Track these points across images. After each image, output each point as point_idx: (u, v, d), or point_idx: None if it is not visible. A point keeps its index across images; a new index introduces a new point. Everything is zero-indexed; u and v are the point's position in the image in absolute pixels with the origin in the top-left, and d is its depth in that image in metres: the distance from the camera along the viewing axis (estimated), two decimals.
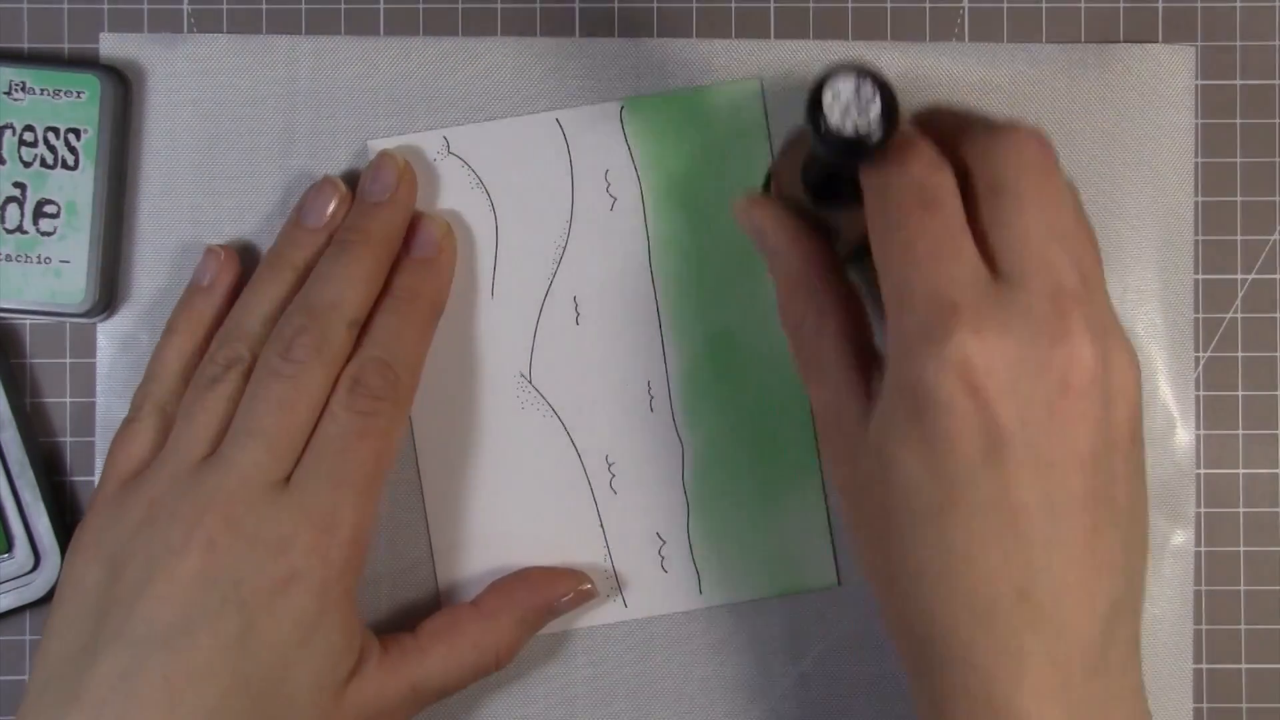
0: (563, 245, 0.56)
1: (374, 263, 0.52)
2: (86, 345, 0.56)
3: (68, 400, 0.56)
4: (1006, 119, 0.45)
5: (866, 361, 0.47)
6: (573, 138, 0.56)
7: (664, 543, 0.56)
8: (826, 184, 0.48)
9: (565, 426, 0.56)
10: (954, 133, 0.45)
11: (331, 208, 0.53)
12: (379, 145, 0.56)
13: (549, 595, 0.54)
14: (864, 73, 0.41)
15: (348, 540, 0.48)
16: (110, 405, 0.56)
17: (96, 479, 0.56)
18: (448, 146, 0.56)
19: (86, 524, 0.50)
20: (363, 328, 0.51)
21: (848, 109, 0.41)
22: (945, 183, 0.43)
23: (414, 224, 0.54)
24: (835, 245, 0.49)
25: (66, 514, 0.56)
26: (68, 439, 0.56)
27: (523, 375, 0.56)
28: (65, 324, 0.56)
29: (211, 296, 0.54)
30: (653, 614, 0.56)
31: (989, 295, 0.41)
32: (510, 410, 0.56)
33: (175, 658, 0.45)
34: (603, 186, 0.56)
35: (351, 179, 0.55)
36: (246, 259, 0.56)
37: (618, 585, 0.56)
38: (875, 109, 0.41)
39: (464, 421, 0.56)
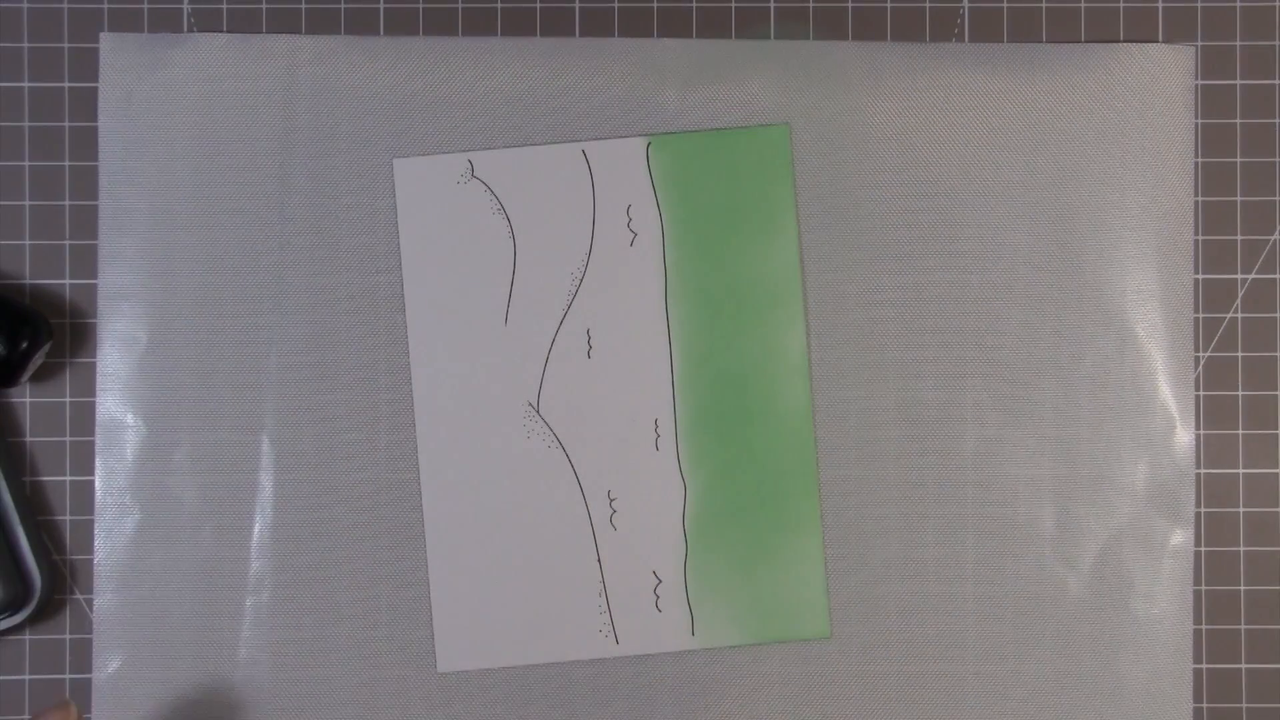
0: (579, 277, 0.56)
1: None
2: (87, 347, 0.56)
3: (67, 400, 0.56)
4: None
5: None
6: (597, 170, 0.56)
7: (659, 582, 0.56)
8: None
9: (569, 458, 0.56)
10: None
11: None
12: (405, 165, 0.56)
13: None
14: None
15: None
16: (109, 405, 0.56)
17: (96, 479, 0.56)
18: (472, 170, 0.56)
19: None
20: None
21: None
22: None
23: None
24: None
25: (70, 512, 0.56)
26: (67, 438, 0.56)
27: (530, 404, 0.56)
28: (65, 324, 0.56)
29: None
30: (645, 652, 0.56)
31: None
32: (516, 438, 0.56)
33: None
34: (624, 221, 0.56)
35: (349, 179, 0.55)
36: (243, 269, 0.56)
37: (611, 622, 0.56)
38: None
39: (468, 447, 0.56)
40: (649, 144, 0.56)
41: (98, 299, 0.56)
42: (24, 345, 0.54)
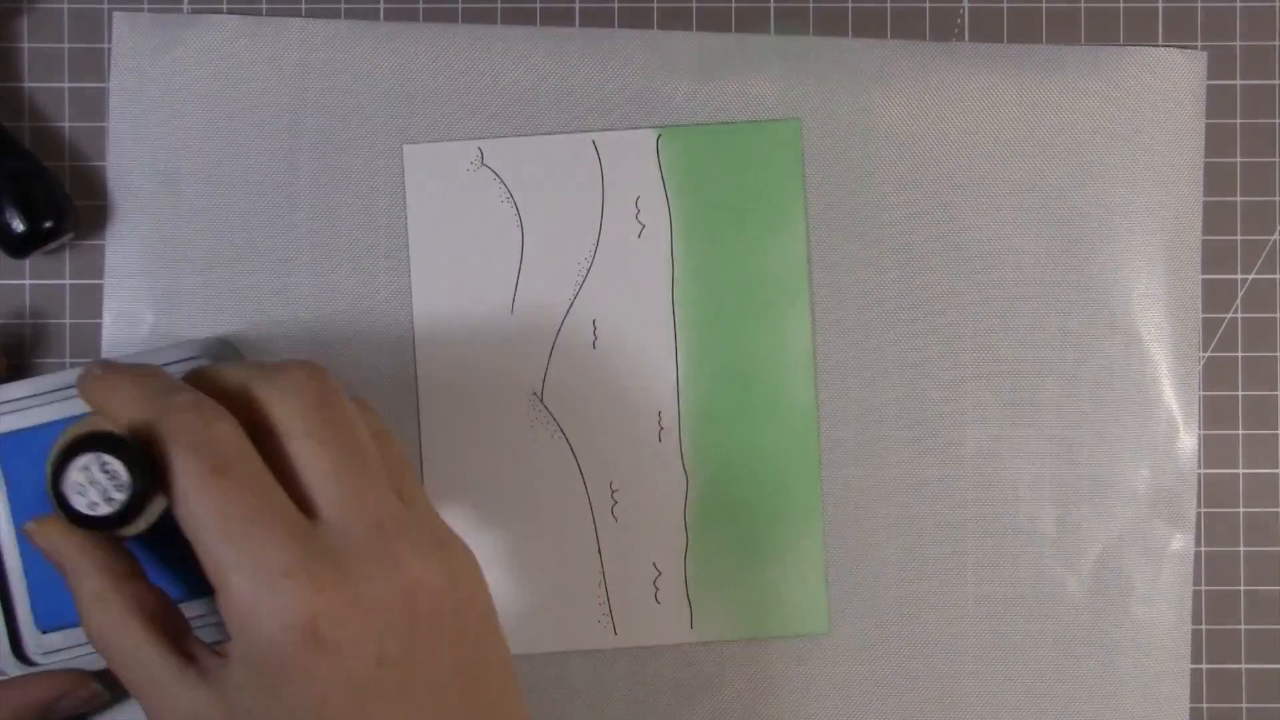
0: (587, 267, 0.56)
1: None
2: (88, 346, 0.56)
3: None
4: (273, 363, 0.44)
5: (196, 655, 0.43)
6: (607, 161, 0.56)
7: (659, 574, 0.56)
8: None
9: (572, 449, 0.56)
10: (225, 390, 0.43)
11: None
12: (414, 151, 0.56)
13: (39, 695, 0.50)
14: (108, 445, 0.40)
15: None
16: None
17: None
18: (481, 158, 0.56)
19: None
20: None
21: (89, 485, 0.40)
22: (230, 435, 0.40)
23: None
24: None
25: None
26: None
27: (534, 394, 0.56)
28: (65, 324, 0.56)
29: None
30: (643, 644, 0.56)
31: (315, 546, 0.40)
32: (519, 428, 0.56)
33: None
34: (632, 213, 0.56)
35: (358, 164, 0.56)
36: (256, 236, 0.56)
37: (610, 613, 0.56)
38: (123, 483, 0.40)
39: (471, 434, 0.56)
40: (659, 136, 0.56)
41: (104, 277, 0.56)
42: (47, 225, 0.53)
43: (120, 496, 0.40)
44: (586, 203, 0.56)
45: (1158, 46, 0.57)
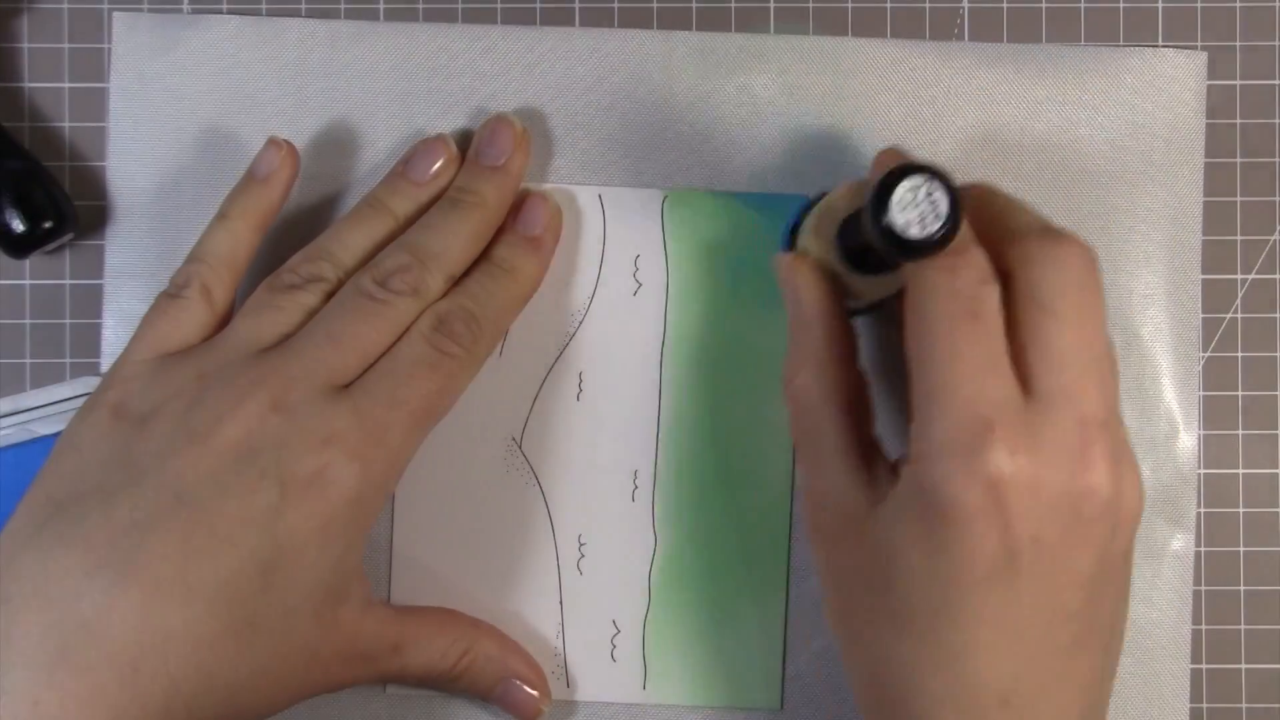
0: (580, 319, 0.56)
1: (482, 225, 0.52)
2: (89, 343, 0.56)
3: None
4: (1054, 226, 0.45)
5: (868, 449, 0.47)
6: (611, 216, 0.56)
7: (618, 631, 0.56)
8: (861, 253, 0.47)
9: (545, 499, 0.56)
10: (999, 225, 0.45)
11: (438, 166, 0.53)
12: None
13: (512, 669, 0.54)
14: (935, 175, 0.41)
15: (389, 460, 0.48)
16: None
17: None
18: None
19: (111, 383, 0.49)
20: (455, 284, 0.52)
21: (910, 207, 0.41)
22: (993, 296, 0.42)
23: (522, 199, 0.54)
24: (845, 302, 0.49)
25: None
26: None
27: (514, 440, 0.56)
28: (65, 325, 0.56)
29: (268, 189, 0.53)
30: (594, 699, 0.56)
31: (1022, 415, 0.41)
32: (494, 472, 0.56)
33: (199, 519, 0.44)
34: (631, 270, 0.56)
35: (357, 174, 0.56)
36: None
37: (564, 664, 0.56)
38: (941, 215, 0.41)
39: (445, 474, 0.55)
40: (665, 198, 0.56)
41: (104, 277, 0.56)
42: (47, 225, 0.54)
43: (936, 226, 0.41)
44: (586, 254, 0.56)
45: (1158, 46, 0.57)
